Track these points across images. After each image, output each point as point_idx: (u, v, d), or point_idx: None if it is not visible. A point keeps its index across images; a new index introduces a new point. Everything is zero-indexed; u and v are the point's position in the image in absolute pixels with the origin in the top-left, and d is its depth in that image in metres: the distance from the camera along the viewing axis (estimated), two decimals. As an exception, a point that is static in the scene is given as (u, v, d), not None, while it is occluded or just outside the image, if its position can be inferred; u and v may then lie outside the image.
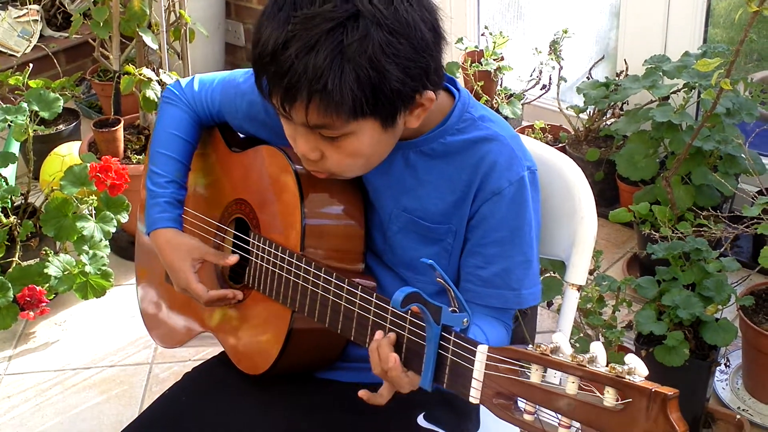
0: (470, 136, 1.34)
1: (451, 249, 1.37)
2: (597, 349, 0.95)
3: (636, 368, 0.92)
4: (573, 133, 3.03)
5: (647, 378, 0.93)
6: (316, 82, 1.16)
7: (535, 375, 1.01)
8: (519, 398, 1.04)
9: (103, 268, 2.49)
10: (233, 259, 1.47)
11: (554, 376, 1.00)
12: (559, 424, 0.99)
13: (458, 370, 1.12)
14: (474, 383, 1.09)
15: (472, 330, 1.30)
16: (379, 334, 1.20)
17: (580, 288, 1.44)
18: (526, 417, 1.02)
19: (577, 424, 0.97)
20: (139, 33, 2.78)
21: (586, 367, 0.95)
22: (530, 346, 1.02)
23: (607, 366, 0.94)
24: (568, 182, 1.45)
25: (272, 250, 1.39)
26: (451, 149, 1.34)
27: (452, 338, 1.13)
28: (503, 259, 1.34)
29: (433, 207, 1.36)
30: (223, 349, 1.53)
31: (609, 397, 0.93)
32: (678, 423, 0.89)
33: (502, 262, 1.34)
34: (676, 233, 2.19)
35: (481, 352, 1.09)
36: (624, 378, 0.92)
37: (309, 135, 1.25)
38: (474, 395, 1.10)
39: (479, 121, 1.35)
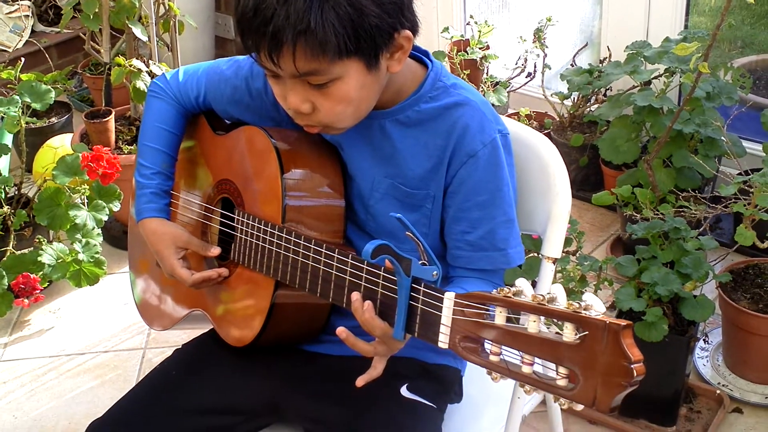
0: (443, 103, 1.39)
1: (431, 214, 1.42)
2: (557, 290, 1.00)
3: (592, 305, 0.97)
4: (558, 119, 3.08)
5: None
6: (299, 23, 1.21)
7: (499, 317, 1.05)
8: (485, 341, 1.08)
9: (96, 256, 2.53)
10: (215, 251, 1.53)
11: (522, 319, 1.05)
12: (522, 361, 1.03)
13: (428, 318, 1.16)
14: (442, 329, 1.14)
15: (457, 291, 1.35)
16: (354, 295, 1.25)
17: (555, 261, 1.49)
18: (492, 358, 1.06)
19: (540, 361, 1.01)
20: (129, 25, 2.82)
21: (545, 306, 0.99)
22: (494, 290, 1.06)
23: (566, 304, 0.99)
24: (543, 160, 1.50)
25: (254, 224, 1.44)
26: (425, 116, 1.40)
27: (422, 288, 1.17)
28: (487, 221, 1.39)
29: (411, 173, 1.41)
30: (212, 327, 1.58)
31: (567, 332, 0.97)
32: (631, 350, 0.94)
33: (486, 224, 1.39)
34: (658, 215, 2.24)
35: (449, 298, 1.13)
36: (581, 313, 0.96)
37: (298, 87, 1.30)
38: (443, 340, 1.14)
39: (451, 89, 1.41)
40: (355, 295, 1.25)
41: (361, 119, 1.38)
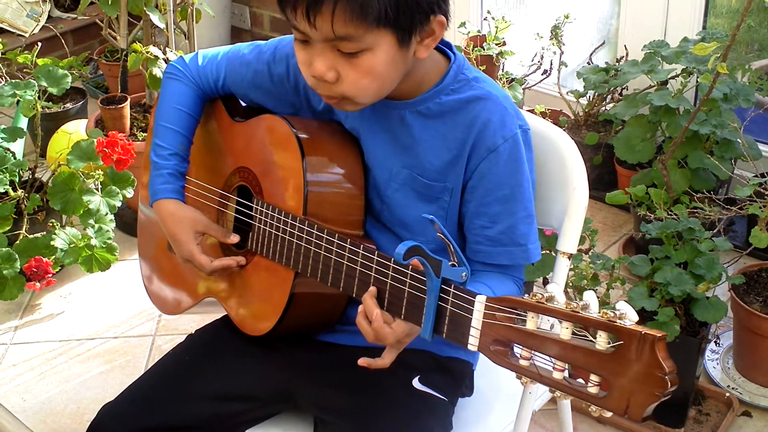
0: (464, 96, 1.39)
1: (448, 207, 1.42)
2: (590, 297, 1.00)
3: (626, 314, 0.97)
4: (573, 117, 3.07)
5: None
6: None
7: (531, 322, 1.05)
8: (515, 345, 1.08)
9: (109, 241, 2.53)
10: (234, 238, 1.53)
11: (548, 323, 1.05)
12: (553, 368, 1.03)
13: (457, 319, 1.17)
14: (472, 332, 1.14)
15: (480, 288, 1.34)
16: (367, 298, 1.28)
17: (570, 256, 1.49)
18: (522, 362, 1.07)
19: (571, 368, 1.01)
20: (147, 12, 2.83)
21: (579, 313, 0.99)
22: (527, 295, 1.06)
23: (599, 312, 0.99)
24: (561, 154, 1.50)
25: (275, 214, 1.44)
26: (446, 109, 1.39)
27: (452, 290, 1.18)
28: (507, 216, 1.39)
29: (429, 165, 1.40)
30: (225, 313, 1.58)
31: (601, 341, 0.98)
32: (665, 362, 0.94)
33: (507, 219, 1.39)
34: (671, 215, 2.23)
35: (480, 302, 1.14)
36: (615, 322, 0.96)
37: (327, 52, 1.29)
38: (472, 343, 1.14)
39: (473, 82, 1.40)
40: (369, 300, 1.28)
41: (379, 99, 1.36)
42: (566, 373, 1.03)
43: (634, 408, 0.96)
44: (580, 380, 1.01)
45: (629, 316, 0.97)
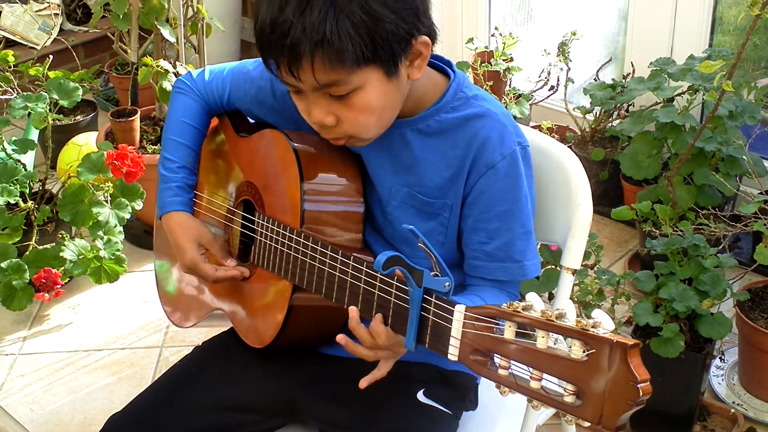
0: (464, 114, 1.40)
1: (448, 223, 1.43)
2: (567, 305, 1.00)
3: (601, 322, 0.97)
4: (579, 133, 3.09)
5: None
6: (316, 34, 1.22)
7: (508, 331, 1.05)
8: (495, 354, 1.08)
9: (117, 253, 2.55)
10: (230, 263, 1.54)
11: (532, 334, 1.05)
12: (530, 377, 1.03)
13: (438, 329, 1.17)
14: (452, 341, 1.14)
15: (473, 300, 1.35)
16: (352, 311, 1.28)
17: (574, 272, 1.50)
18: (501, 372, 1.06)
19: (549, 377, 1.02)
20: (158, 26, 2.85)
21: (554, 322, 1.00)
22: (505, 303, 1.07)
23: (575, 321, 0.99)
24: (566, 170, 1.51)
25: (274, 227, 1.45)
26: (446, 126, 1.41)
27: (433, 300, 1.18)
28: (505, 232, 1.40)
29: (430, 182, 1.42)
30: (231, 326, 1.59)
31: (575, 349, 0.97)
32: (638, 369, 0.94)
33: (504, 235, 1.40)
34: (677, 231, 2.24)
35: (459, 311, 1.14)
36: (589, 330, 0.97)
37: (321, 100, 1.31)
38: (452, 353, 1.14)
39: (472, 100, 1.41)
40: (353, 311, 1.28)
41: (386, 128, 1.39)
42: (544, 382, 1.03)
43: (607, 417, 0.96)
44: (558, 389, 1.01)
45: (604, 324, 0.97)
